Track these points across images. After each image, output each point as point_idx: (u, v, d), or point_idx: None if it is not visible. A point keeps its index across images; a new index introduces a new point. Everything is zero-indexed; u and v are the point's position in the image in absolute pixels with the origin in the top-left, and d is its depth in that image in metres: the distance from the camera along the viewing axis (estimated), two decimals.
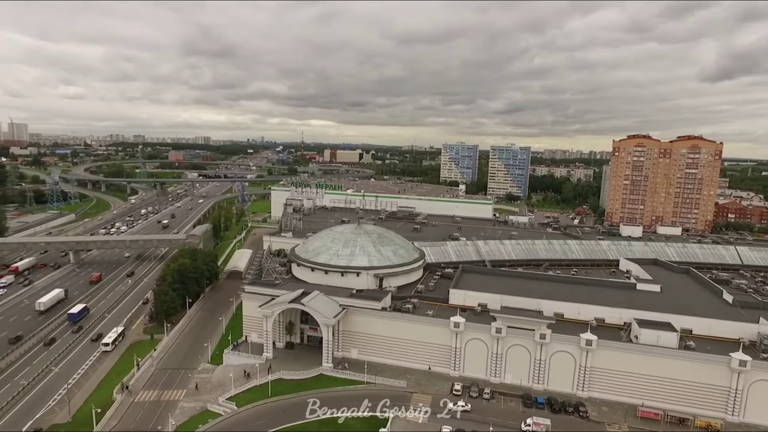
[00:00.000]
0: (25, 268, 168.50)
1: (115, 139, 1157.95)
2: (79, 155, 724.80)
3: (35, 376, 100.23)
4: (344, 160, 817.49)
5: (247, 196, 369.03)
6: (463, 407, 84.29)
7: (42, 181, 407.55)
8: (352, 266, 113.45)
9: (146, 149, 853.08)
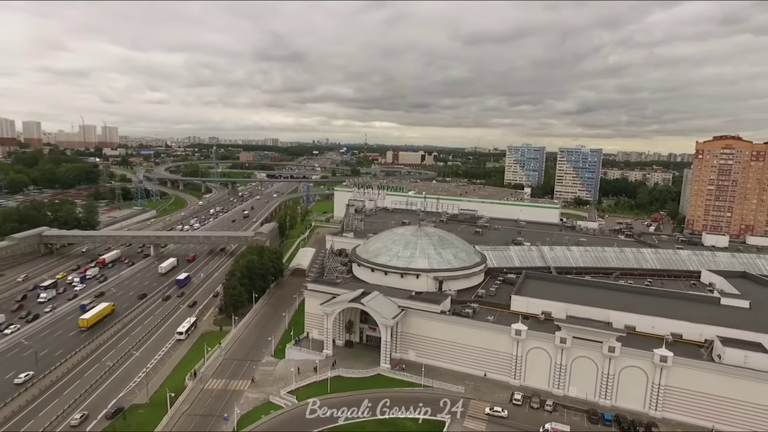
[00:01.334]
0: (111, 260, 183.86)
1: (192, 141, 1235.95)
2: (161, 156, 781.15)
3: (119, 358, 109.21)
4: (406, 161, 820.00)
5: (311, 196, 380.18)
6: (499, 413, 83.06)
7: (129, 179, 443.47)
8: (412, 268, 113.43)
9: (219, 150, 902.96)
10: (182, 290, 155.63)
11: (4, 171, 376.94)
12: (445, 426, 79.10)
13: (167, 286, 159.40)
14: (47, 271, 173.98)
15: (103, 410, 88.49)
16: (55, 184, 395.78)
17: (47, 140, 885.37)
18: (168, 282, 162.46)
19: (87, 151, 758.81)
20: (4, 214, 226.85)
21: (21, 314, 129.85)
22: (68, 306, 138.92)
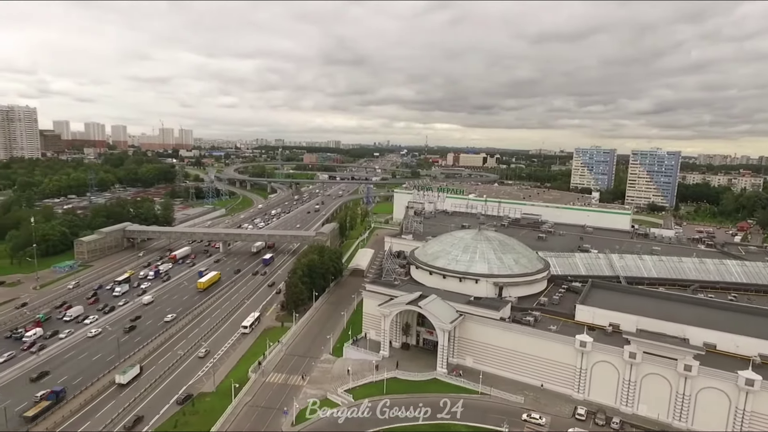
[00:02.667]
0: (182, 256, 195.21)
1: (259, 143, 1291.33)
2: (231, 157, 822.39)
3: (189, 348, 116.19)
4: (467, 163, 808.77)
5: (371, 197, 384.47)
6: (537, 420, 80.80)
7: (201, 179, 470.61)
8: (471, 272, 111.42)
9: (285, 152, 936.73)
10: (266, 269, 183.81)
11: (95, 170, 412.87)
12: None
13: (256, 264, 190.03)
14: (128, 263, 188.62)
15: (174, 396, 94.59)
16: (138, 182, 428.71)
17: (132, 142, 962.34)
18: (257, 261, 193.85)
19: (165, 152, 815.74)
20: (94, 210, 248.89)
21: (98, 306, 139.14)
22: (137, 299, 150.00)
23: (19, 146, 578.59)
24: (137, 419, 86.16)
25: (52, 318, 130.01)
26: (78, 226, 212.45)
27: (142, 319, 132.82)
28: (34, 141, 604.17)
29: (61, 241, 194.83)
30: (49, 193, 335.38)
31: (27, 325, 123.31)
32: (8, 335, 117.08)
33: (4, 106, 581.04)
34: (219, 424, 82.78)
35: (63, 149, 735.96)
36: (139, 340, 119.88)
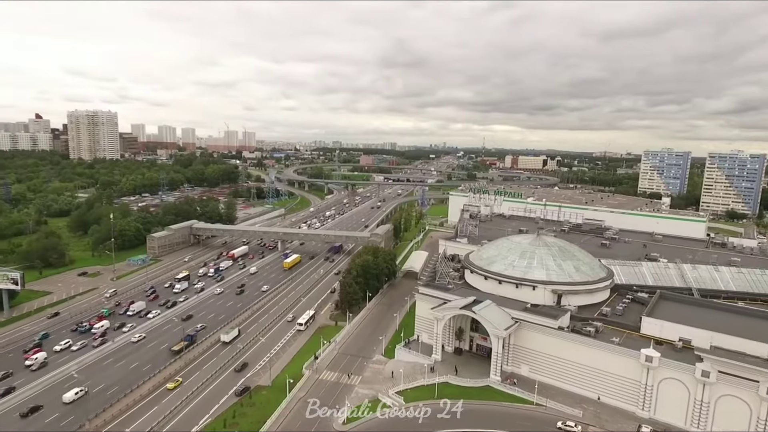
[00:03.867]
0: (239, 255, 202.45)
1: (318, 145, 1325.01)
2: (290, 158, 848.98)
3: (248, 342, 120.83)
4: (526, 166, 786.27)
5: (426, 199, 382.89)
6: (572, 428, 76.87)
7: (262, 180, 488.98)
8: (528, 279, 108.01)
9: (342, 154, 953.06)
10: (335, 256, 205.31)
11: (166, 171, 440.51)
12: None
13: (327, 251, 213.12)
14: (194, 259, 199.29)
15: (233, 387, 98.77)
16: (204, 182, 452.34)
17: (199, 144, 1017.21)
18: (328, 248, 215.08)
19: (230, 153, 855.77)
20: (165, 207, 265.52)
21: (159, 302, 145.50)
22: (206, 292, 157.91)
23: (101, 148, 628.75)
24: (244, 365, 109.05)
25: (114, 313, 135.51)
26: (150, 223, 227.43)
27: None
28: (114, 143, 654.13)
29: (135, 236, 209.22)
30: (126, 191, 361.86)
31: (91, 319, 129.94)
32: (74, 328, 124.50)
33: (90, 111, 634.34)
34: (274, 417, 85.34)
35: (139, 151, 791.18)
36: (240, 305, 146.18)
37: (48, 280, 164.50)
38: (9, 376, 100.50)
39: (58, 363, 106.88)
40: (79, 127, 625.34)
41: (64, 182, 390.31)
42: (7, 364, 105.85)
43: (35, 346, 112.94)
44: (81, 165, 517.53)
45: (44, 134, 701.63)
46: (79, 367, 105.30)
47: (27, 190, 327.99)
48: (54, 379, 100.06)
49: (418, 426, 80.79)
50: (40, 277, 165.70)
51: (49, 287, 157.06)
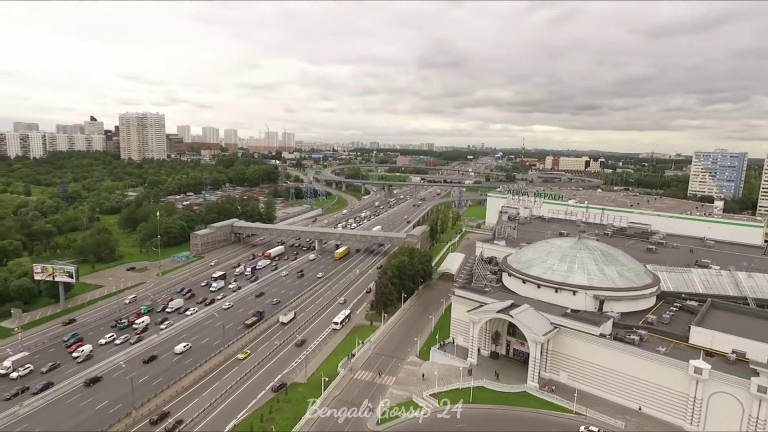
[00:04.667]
0: (276, 254, 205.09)
1: (355, 146, 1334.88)
2: (328, 159, 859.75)
3: (285, 339, 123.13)
4: (568, 167, 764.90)
5: (463, 201, 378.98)
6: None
7: (301, 180, 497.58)
8: (568, 283, 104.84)
9: (379, 155, 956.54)
10: (381, 247, 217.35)
11: (209, 171, 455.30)
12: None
13: (372, 245, 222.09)
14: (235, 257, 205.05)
15: (270, 383, 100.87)
16: (245, 182, 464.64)
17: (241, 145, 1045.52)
18: (374, 244, 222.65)
19: (270, 154, 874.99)
20: (207, 206, 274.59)
21: (197, 300, 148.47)
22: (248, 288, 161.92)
23: (150, 149, 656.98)
24: (303, 341, 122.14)
25: (153, 310, 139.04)
26: (194, 221, 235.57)
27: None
28: (161, 144, 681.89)
29: (179, 234, 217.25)
30: (172, 190, 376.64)
31: (130, 316, 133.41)
32: (113, 324, 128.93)
33: (140, 113, 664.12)
34: (308, 414, 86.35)
35: (184, 151, 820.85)
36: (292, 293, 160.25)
37: (99, 274, 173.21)
38: (57, 367, 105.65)
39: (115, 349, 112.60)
40: (130, 129, 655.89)
41: (115, 181, 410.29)
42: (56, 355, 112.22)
43: (76, 341, 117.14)
44: (131, 165, 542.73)
45: (98, 136, 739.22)
46: (161, 338, 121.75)
47: (82, 189, 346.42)
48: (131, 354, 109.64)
49: (453, 428, 79.93)
50: (93, 271, 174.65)
51: (101, 281, 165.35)
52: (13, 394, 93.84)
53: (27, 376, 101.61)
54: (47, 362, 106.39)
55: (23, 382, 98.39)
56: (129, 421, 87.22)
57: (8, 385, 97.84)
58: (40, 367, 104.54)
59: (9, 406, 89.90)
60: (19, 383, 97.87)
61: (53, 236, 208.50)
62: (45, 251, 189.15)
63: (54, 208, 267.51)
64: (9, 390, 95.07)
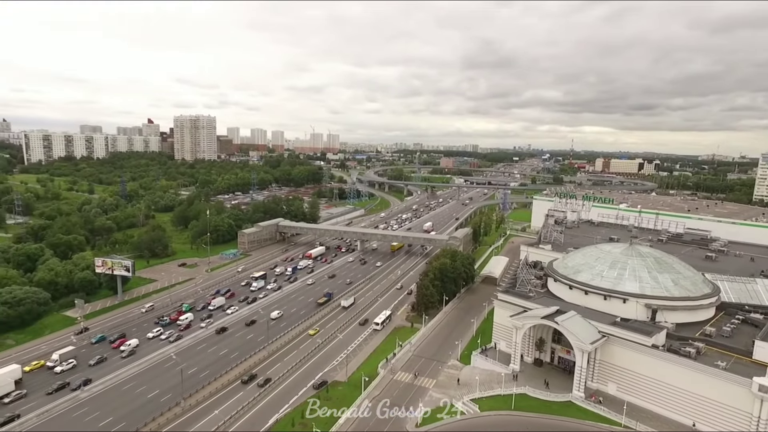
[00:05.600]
0: (316, 255, 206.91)
1: (398, 147, 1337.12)
2: (371, 160, 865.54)
3: (326, 338, 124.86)
4: (619, 170, 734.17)
5: (508, 203, 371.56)
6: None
7: (344, 181, 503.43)
8: (618, 291, 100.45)
9: (422, 156, 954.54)
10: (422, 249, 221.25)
11: (257, 171, 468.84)
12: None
13: (415, 246, 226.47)
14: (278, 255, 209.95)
15: (311, 380, 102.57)
16: (290, 182, 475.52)
17: (287, 146, 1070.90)
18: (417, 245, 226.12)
19: (315, 155, 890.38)
20: (254, 206, 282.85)
21: (239, 299, 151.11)
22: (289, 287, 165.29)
23: (201, 149, 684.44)
24: (366, 320, 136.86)
25: (194, 308, 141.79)
26: (241, 219, 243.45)
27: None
28: (212, 145, 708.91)
29: (228, 232, 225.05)
30: (221, 189, 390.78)
31: (171, 314, 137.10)
32: (156, 321, 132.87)
33: (193, 116, 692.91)
34: (348, 413, 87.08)
35: (233, 152, 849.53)
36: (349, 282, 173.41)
37: (153, 269, 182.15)
38: (104, 360, 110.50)
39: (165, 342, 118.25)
40: (183, 131, 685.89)
41: (169, 181, 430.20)
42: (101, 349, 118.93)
43: (119, 336, 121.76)
44: (183, 165, 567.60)
45: (154, 137, 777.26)
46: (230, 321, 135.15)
47: (139, 188, 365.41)
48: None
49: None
50: (147, 266, 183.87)
51: (154, 275, 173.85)
52: (55, 389, 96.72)
53: (70, 370, 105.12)
54: (95, 355, 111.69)
55: (67, 376, 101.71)
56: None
57: (53, 378, 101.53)
58: (88, 360, 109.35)
59: (54, 398, 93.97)
60: (62, 377, 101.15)
61: (113, 232, 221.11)
62: (105, 246, 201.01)
63: (114, 205, 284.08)
64: (51, 384, 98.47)
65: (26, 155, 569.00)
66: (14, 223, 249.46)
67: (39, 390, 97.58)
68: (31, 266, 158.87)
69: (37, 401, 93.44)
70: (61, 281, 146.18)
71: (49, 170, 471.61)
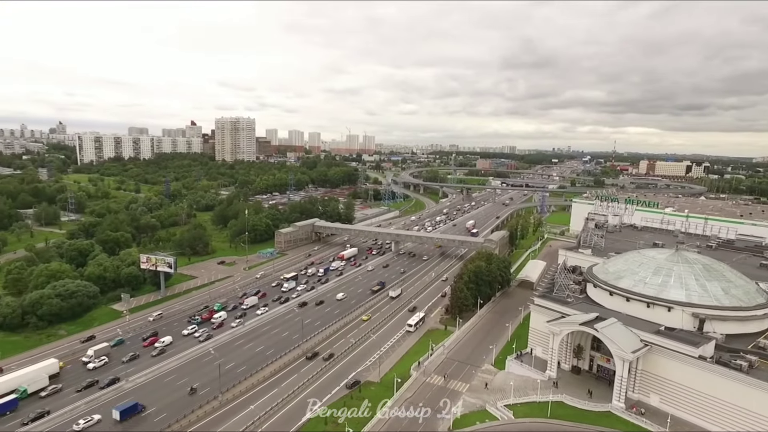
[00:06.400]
0: (349, 256, 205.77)
1: (434, 148, 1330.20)
2: (407, 162, 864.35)
3: (360, 337, 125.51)
4: (665, 172, 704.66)
5: (546, 206, 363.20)
6: None
7: (379, 182, 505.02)
8: (663, 298, 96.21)
9: (458, 157, 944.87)
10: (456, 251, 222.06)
11: (294, 172, 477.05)
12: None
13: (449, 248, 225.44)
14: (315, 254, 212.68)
15: (344, 379, 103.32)
16: (326, 183, 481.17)
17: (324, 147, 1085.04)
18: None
19: (350, 156, 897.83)
20: (291, 206, 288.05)
21: (272, 298, 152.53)
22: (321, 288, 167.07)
23: (241, 151, 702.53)
24: (414, 307, 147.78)
25: (226, 308, 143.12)
26: (278, 219, 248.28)
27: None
28: (251, 146, 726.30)
29: (265, 231, 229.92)
30: (259, 190, 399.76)
31: (202, 313, 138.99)
32: (188, 320, 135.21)
33: (233, 118, 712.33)
34: (380, 414, 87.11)
35: (271, 153, 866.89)
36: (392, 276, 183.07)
37: (194, 266, 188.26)
38: (136, 358, 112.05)
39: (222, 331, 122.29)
40: (224, 132, 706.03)
41: (210, 181, 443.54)
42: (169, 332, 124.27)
43: (152, 335, 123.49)
44: (224, 166, 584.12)
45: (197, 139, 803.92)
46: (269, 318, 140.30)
47: (182, 187, 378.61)
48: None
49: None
50: (188, 263, 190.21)
51: (195, 272, 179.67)
52: (84, 386, 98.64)
53: (101, 367, 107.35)
54: (128, 352, 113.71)
55: (100, 373, 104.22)
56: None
57: (85, 375, 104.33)
58: (121, 357, 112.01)
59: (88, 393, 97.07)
60: (94, 374, 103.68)
61: (157, 230, 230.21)
62: (149, 243, 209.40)
63: (158, 204, 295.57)
64: (80, 382, 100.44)
65: (79, 156, 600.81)
66: (68, 220, 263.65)
67: (72, 386, 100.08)
68: (82, 261, 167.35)
69: (65, 398, 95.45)
70: (108, 276, 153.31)
71: (99, 170, 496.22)
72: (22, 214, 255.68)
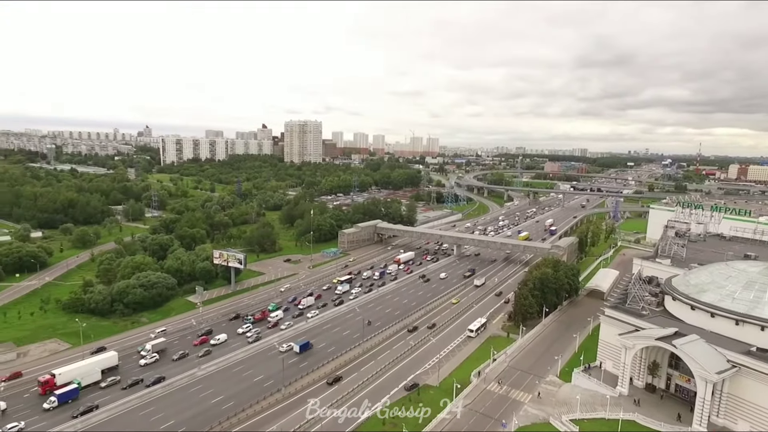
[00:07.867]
0: (405, 260, 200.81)
1: (500, 151, 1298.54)
2: (471, 164, 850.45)
3: (420, 340, 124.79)
4: (759, 177, 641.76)
5: (620, 212, 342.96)
6: None
7: (442, 185, 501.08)
8: (755, 316, 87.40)
9: (525, 160, 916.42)
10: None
11: (358, 174, 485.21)
12: None
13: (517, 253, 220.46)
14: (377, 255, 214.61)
15: (403, 381, 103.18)
16: (389, 185, 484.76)
17: (387, 150, 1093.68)
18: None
19: (414, 159, 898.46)
20: (355, 207, 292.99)
21: (325, 302, 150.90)
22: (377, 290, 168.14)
23: (308, 152, 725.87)
24: (500, 293, 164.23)
25: (281, 308, 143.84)
26: (342, 220, 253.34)
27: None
28: (318, 149, 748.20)
29: (329, 231, 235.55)
30: (325, 191, 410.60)
31: (255, 314, 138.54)
32: (244, 319, 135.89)
33: (301, 121, 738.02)
34: (439, 418, 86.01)
35: (337, 155, 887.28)
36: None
37: (262, 263, 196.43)
38: (185, 356, 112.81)
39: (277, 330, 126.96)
40: (292, 135, 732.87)
41: (278, 181, 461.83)
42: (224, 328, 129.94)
43: (205, 334, 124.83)
44: (292, 167, 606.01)
45: (267, 141, 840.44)
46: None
47: (252, 188, 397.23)
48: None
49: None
50: (257, 260, 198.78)
51: (263, 269, 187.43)
52: (129, 384, 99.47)
53: (153, 364, 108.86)
54: (179, 350, 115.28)
55: (150, 369, 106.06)
56: None
57: (138, 371, 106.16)
58: (171, 355, 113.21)
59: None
60: (143, 371, 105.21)
61: (229, 227, 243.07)
62: (222, 240, 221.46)
63: (230, 203, 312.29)
64: (126, 380, 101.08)
65: (162, 157, 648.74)
66: (151, 216, 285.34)
67: (123, 380, 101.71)
68: (162, 254, 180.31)
69: (111, 395, 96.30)
70: (185, 269, 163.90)
71: (179, 170, 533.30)
72: (113, 210, 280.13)
